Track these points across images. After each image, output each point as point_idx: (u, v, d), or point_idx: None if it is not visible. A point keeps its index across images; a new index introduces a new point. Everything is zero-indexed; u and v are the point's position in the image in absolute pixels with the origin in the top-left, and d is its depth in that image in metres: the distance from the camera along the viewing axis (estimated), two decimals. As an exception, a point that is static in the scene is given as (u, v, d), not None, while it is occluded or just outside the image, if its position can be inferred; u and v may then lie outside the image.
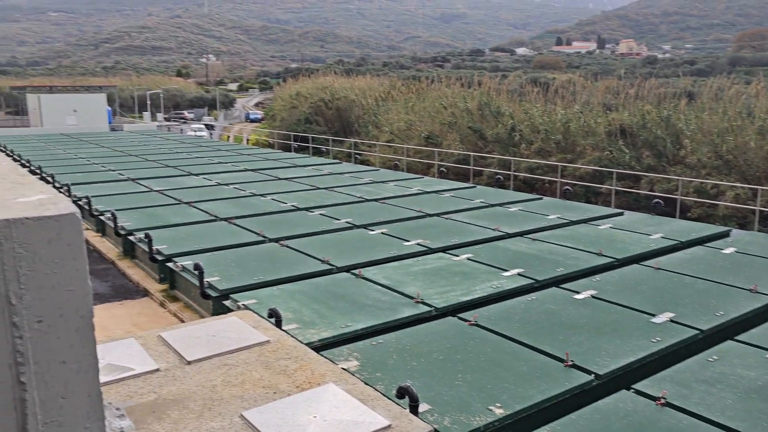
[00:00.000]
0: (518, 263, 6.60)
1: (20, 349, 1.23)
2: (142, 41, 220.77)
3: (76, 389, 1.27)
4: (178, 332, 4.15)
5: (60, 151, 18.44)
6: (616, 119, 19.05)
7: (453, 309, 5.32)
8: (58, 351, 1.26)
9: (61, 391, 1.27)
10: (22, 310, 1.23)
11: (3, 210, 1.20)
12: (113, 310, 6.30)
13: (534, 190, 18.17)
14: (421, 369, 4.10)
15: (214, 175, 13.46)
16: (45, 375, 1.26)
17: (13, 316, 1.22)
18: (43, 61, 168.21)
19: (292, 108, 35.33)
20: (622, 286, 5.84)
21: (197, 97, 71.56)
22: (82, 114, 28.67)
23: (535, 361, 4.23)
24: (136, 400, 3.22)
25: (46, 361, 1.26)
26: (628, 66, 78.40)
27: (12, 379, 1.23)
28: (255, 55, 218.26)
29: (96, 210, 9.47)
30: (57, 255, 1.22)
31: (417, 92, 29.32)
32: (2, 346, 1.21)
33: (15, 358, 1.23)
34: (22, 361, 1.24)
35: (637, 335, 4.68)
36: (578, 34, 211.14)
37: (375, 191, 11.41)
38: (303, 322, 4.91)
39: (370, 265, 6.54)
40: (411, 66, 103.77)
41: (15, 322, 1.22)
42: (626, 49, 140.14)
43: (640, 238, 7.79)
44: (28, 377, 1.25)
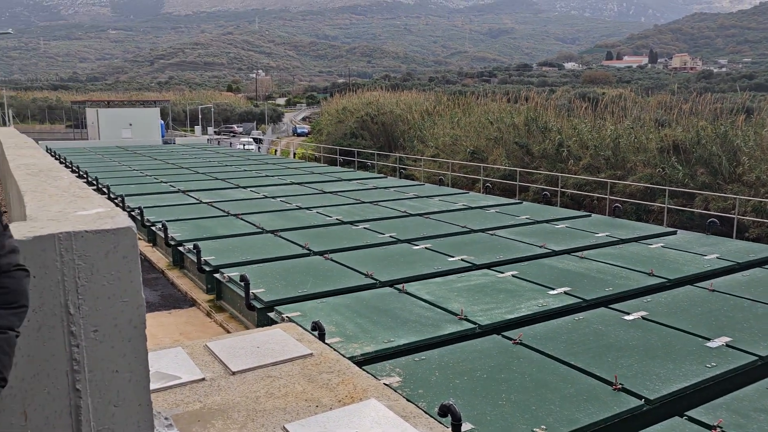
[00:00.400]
0: (565, 281, 6.46)
1: (77, 357, 1.27)
2: (195, 57, 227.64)
3: (128, 398, 1.31)
4: (223, 342, 4.22)
5: (115, 163, 19.11)
6: (669, 135, 18.54)
7: (497, 327, 5.24)
8: (112, 360, 1.30)
9: (114, 399, 1.31)
10: (80, 320, 1.27)
11: (64, 223, 1.25)
12: (162, 318, 6.45)
13: (582, 206, 17.82)
14: (464, 387, 4.05)
15: (261, 187, 13.70)
16: (99, 383, 1.30)
17: (71, 325, 1.27)
18: (102, 76, 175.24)
19: (339, 122, 35.73)
20: (674, 308, 5.65)
21: (246, 111, 73.22)
22: (136, 127, 29.70)
23: (582, 384, 4.13)
24: (182, 408, 3.28)
25: (100, 370, 1.30)
26: (682, 81, 76.43)
27: (68, 386, 1.27)
28: (303, 70, 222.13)
29: (148, 221, 9.75)
30: (113, 267, 1.27)
31: (463, 107, 29.25)
32: (60, 354, 1.26)
33: (72, 366, 1.27)
34: (78, 369, 1.28)
35: (690, 359, 4.51)
36: (629, 48, 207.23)
37: (419, 206, 11.40)
38: (346, 335, 4.92)
39: (414, 280, 6.52)
40: (457, 81, 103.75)
41: (72, 330, 1.27)
42: (680, 63, 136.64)
43: (694, 259, 7.53)
44: (83, 385, 1.29)
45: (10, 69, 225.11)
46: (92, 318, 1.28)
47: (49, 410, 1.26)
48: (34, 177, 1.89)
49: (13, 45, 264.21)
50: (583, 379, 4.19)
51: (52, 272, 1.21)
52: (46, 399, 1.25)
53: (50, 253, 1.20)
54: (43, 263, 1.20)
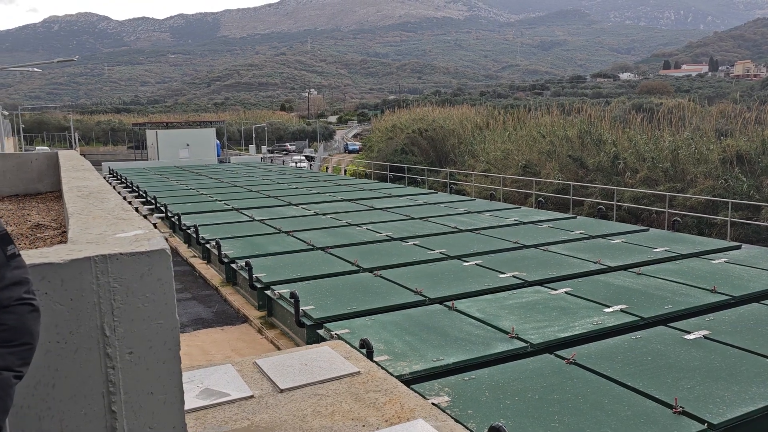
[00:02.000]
0: (621, 299, 6.25)
1: (112, 379, 1.29)
2: (250, 78, 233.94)
3: (163, 420, 1.31)
4: (272, 360, 4.25)
5: (173, 183, 19.74)
6: (731, 145, 17.83)
7: (550, 345, 5.10)
8: (147, 382, 1.31)
9: (149, 421, 1.32)
10: (115, 342, 1.29)
11: (102, 245, 1.28)
12: (215, 335, 6.56)
13: (639, 221, 17.28)
14: (514, 408, 3.94)
15: (312, 204, 13.86)
16: (134, 405, 1.31)
17: (107, 347, 1.29)
18: (161, 99, 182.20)
19: (389, 139, 35.96)
20: (739, 327, 5.37)
21: (299, 129, 74.57)
22: (193, 147, 30.65)
23: (640, 406, 3.95)
24: (231, 426, 3.31)
25: (136, 392, 1.31)
26: (745, 89, 73.50)
27: (104, 408, 1.29)
28: (354, 88, 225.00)
29: (203, 238, 9.99)
30: (148, 289, 1.28)
31: (515, 121, 28.96)
32: (96, 376, 1.28)
33: (108, 388, 1.29)
34: (114, 390, 1.30)
35: (757, 382, 4.26)
36: (688, 56, 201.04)
37: (470, 221, 11.28)
38: (394, 353, 4.88)
39: (464, 297, 6.43)
40: (508, 95, 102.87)
41: (108, 353, 1.29)
42: (742, 70, 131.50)
43: (761, 274, 7.16)
44: (118, 406, 1.30)
45: (77, 94, 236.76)
46: (127, 340, 1.30)
47: (86, 431, 1.28)
48: (82, 199, 1.95)
49: (80, 71, 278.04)
50: (640, 402, 4.01)
51: (89, 294, 1.23)
52: (83, 420, 1.27)
53: (87, 276, 1.22)
54: (80, 286, 1.22)
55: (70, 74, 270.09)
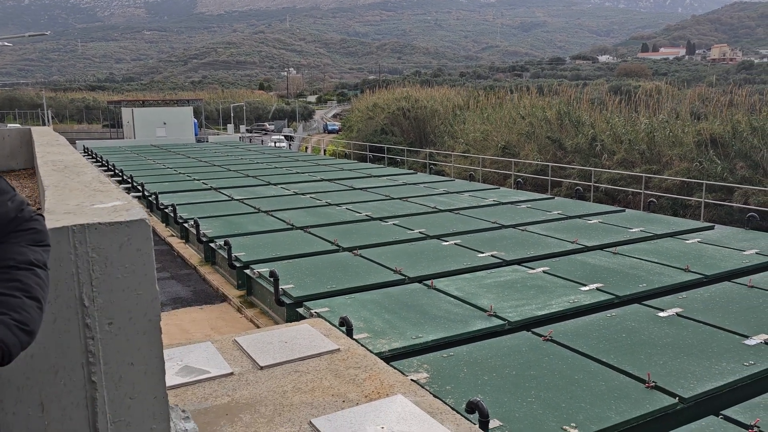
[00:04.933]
0: (597, 277, 6.35)
1: (92, 350, 1.28)
2: (228, 56, 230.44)
3: (144, 390, 1.31)
4: (252, 337, 4.25)
5: (150, 162, 19.47)
6: (706, 129, 18.08)
7: (527, 323, 5.17)
8: (127, 352, 1.31)
9: (129, 391, 1.32)
10: (95, 312, 1.28)
11: (79, 215, 1.26)
12: (194, 314, 6.54)
13: (616, 202, 17.50)
14: (492, 384, 4.00)
15: (291, 184, 13.79)
16: (114, 375, 1.31)
17: (86, 317, 1.28)
18: (137, 76, 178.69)
19: (369, 119, 35.77)
20: (710, 305, 5.50)
21: (278, 109, 73.82)
22: (170, 126, 30.20)
23: (614, 381, 4.04)
24: (211, 402, 3.31)
25: (116, 362, 1.31)
26: (721, 72, 74.39)
27: (84, 378, 1.28)
28: (334, 67, 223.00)
29: (180, 218, 9.90)
30: (127, 259, 1.27)
31: (494, 102, 28.99)
32: (76, 346, 1.27)
33: (87, 358, 1.28)
34: (94, 361, 1.29)
35: (727, 357, 4.38)
36: (666, 39, 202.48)
37: (449, 202, 11.33)
38: (374, 331, 4.91)
39: (443, 276, 6.48)
40: (488, 76, 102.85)
41: (87, 323, 1.28)
42: (719, 54, 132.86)
43: (732, 254, 7.32)
44: (98, 377, 1.30)
45: (50, 70, 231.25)
46: (107, 310, 1.29)
47: (66, 402, 1.27)
48: (58, 173, 1.92)
49: (52, 47, 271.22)
50: (614, 377, 4.10)
51: (67, 264, 1.22)
52: (63, 390, 1.27)
53: (64, 246, 1.21)
54: (58, 255, 1.21)
55: (42, 50, 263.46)
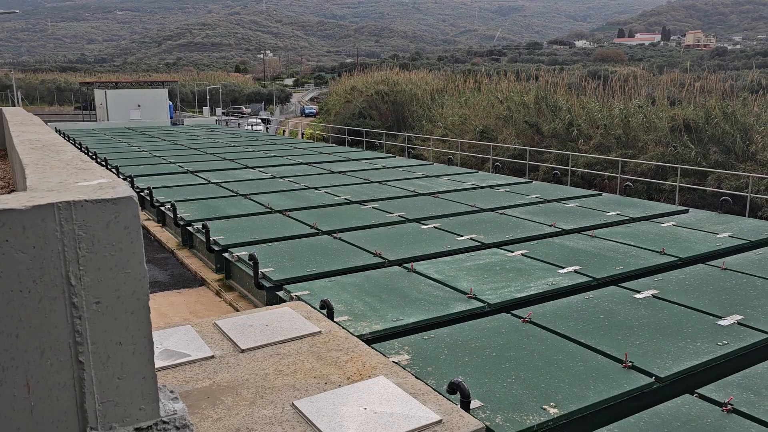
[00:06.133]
0: (575, 260, 6.43)
1: (79, 329, 1.26)
2: (203, 38, 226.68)
3: (132, 370, 1.29)
4: (232, 321, 4.22)
5: (124, 144, 19.15)
6: (680, 114, 18.33)
7: (507, 305, 5.22)
8: (115, 332, 1.29)
9: (118, 371, 1.30)
10: (81, 291, 1.26)
11: (64, 193, 1.23)
12: (171, 298, 6.47)
13: (592, 186, 17.70)
14: (473, 365, 4.04)
15: (269, 168, 13.68)
16: (102, 355, 1.29)
17: (72, 296, 1.25)
18: (109, 58, 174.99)
19: (347, 102, 35.57)
20: (685, 286, 5.61)
21: (254, 92, 73.02)
22: (145, 108, 29.69)
23: (592, 361, 4.11)
24: (192, 385, 3.29)
25: (103, 342, 1.29)
26: (695, 58, 75.33)
27: (71, 358, 1.26)
28: (311, 50, 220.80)
29: (157, 201, 9.77)
30: (115, 238, 1.24)
31: (473, 86, 29.01)
32: (62, 326, 1.24)
33: (74, 338, 1.26)
34: (81, 341, 1.26)
35: (701, 337, 4.48)
36: (642, 25, 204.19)
37: (428, 185, 11.35)
38: (354, 314, 4.92)
39: (423, 259, 6.50)
40: (466, 60, 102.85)
41: (74, 302, 1.25)
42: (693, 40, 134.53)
43: (706, 237, 7.46)
44: (86, 357, 1.27)
45: (19, 51, 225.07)
46: (94, 290, 1.27)
47: (53, 382, 1.25)
48: (37, 151, 1.87)
49: (21, 27, 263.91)
50: (592, 357, 4.17)
51: (52, 243, 1.19)
52: (49, 370, 1.24)
53: (50, 223, 1.17)
54: (43, 233, 1.18)
55: (10, 30, 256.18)
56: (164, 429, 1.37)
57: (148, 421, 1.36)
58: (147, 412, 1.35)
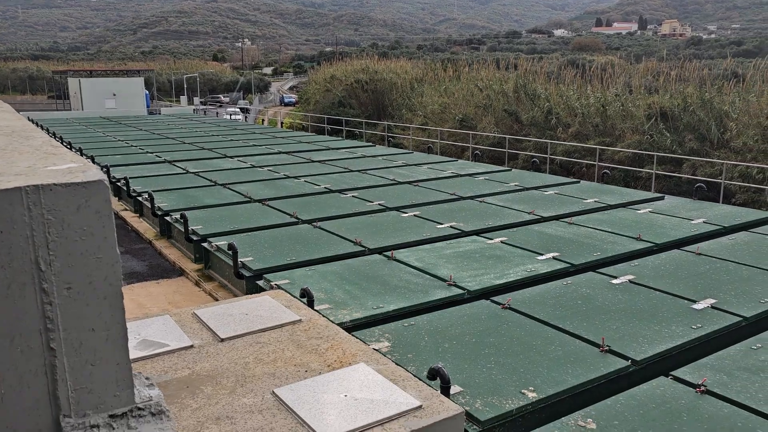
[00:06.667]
0: (554, 247, 6.49)
1: (50, 316, 1.24)
2: (179, 26, 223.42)
3: (105, 357, 1.27)
4: (212, 310, 4.19)
5: (99, 134, 18.84)
6: (656, 102, 18.52)
7: (486, 292, 5.26)
8: (87, 318, 1.26)
9: (91, 358, 1.28)
10: (52, 277, 1.23)
11: (32, 177, 1.20)
12: (150, 288, 6.41)
13: (571, 173, 17.86)
14: (453, 351, 4.07)
15: (248, 157, 13.57)
16: (74, 342, 1.26)
17: (42, 282, 1.22)
18: (83, 46, 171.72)
19: (326, 91, 35.36)
20: (661, 272, 5.69)
21: (233, 81, 72.27)
22: (120, 97, 29.23)
23: (570, 346, 4.16)
24: (171, 375, 3.27)
25: (75, 329, 1.26)
26: (671, 47, 76.14)
27: (42, 345, 1.24)
28: (289, 39, 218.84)
29: (134, 191, 9.64)
30: (85, 222, 1.22)
31: (453, 74, 29.00)
32: (33, 312, 1.22)
33: (45, 325, 1.24)
34: (52, 327, 1.24)
35: (676, 321, 4.55)
36: (619, 14, 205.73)
37: (408, 174, 11.35)
38: (335, 302, 4.92)
39: (403, 247, 6.51)
40: (446, 49, 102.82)
41: (44, 288, 1.23)
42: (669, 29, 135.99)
43: (681, 223, 7.58)
44: (57, 343, 1.25)
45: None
46: (65, 275, 1.24)
47: (24, 369, 1.23)
48: (5, 137, 1.83)
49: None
50: (571, 342, 4.22)
51: (21, 227, 1.16)
52: (20, 358, 1.22)
53: (18, 207, 1.15)
54: (11, 218, 1.15)
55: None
56: (139, 415, 1.35)
57: (122, 408, 1.34)
58: (121, 398, 1.33)
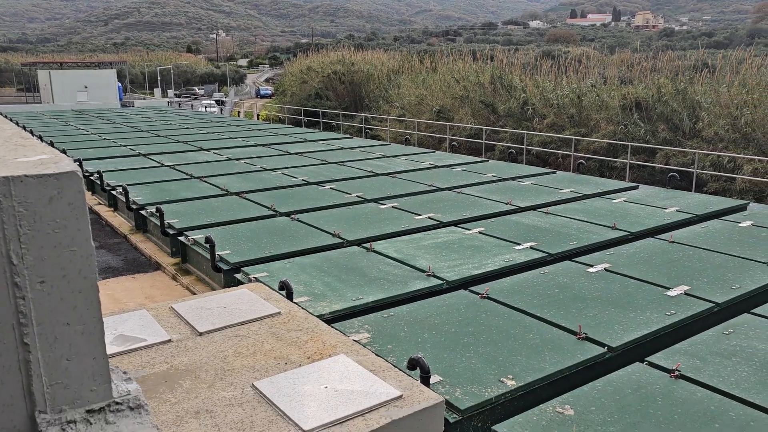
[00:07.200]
0: (531, 237, 6.54)
1: (23, 310, 1.21)
2: (152, 17, 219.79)
3: (81, 351, 1.25)
4: (189, 304, 4.15)
5: (71, 127, 18.49)
6: (630, 93, 18.74)
7: (465, 282, 5.29)
8: (62, 312, 1.24)
9: (66, 353, 1.25)
10: (24, 270, 1.20)
11: (2, 168, 1.17)
12: (126, 283, 6.33)
13: (547, 164, 18.01)
14: (432, 341, 4.09)
15: (224, 150, 13.44)
16: (49, 337, 1.24)
17: (14, 276, 1.20)
18: (53, 37, 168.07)
19: (303, 83, 35.12)
20: (636, 260, 5.78)
21: (207, 73, 71.38)
22: (92, 90, 28.69)
23: (548, 334, 4.21)
24: (149, 370, 3.24)
25: (50, 323, 1.24)
26: (644, 39, 77.05)
27: (16, 340, 1.21)
28: (265, 30, 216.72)
29: (108, 185, 9.49)
30: (58, 214, 1.19)
31: (430, 66, 29.00)
32: (5, 307, 1.19)
33: (18, 319, 1.21)
34: (25, 322, 1.22)
35: (651, 308, 4.63)
36: (593, 6, 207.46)
37: (386, 166, 11.35)
38: (314, 294, 4.91)
39: (381, 239, 6.52)
40: (422, 40, 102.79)
41: (17, 282, 1.20)
42: (642, 21, 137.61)
43: (655, 212, 7.70)
44: (31, 338, 1.23)
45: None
46: (38, 269, 1.21)
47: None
48: (-27, 129, 1.78)
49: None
50: (548, 330, 4.27)
51: (-9, 220, 1.13)
52: (-7, 354, 1.19)
53: (-13, 200, 1.12)
54: (-20, 211, 1.12)
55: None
56: (117, 410, 1.34)
57: (100, 403, 1.32)
58: (99, 393, 1.31)
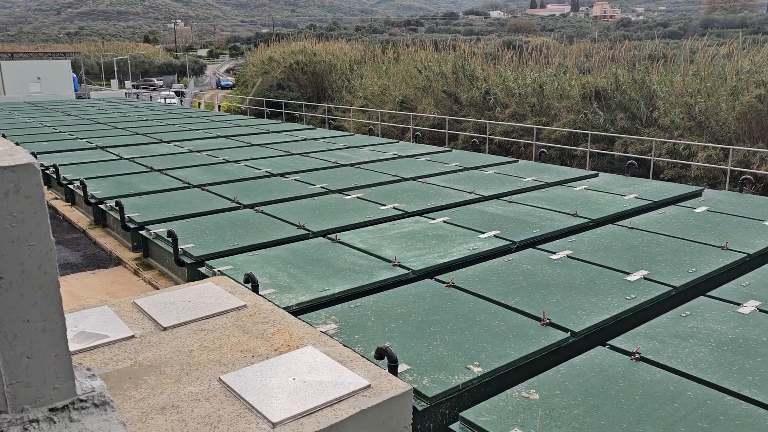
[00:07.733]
0: (494, 225, 6.62)
1: (-20, 307, 1.17)
2: (107, 6, 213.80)
3: (43, 349, 1.22)
4: (153, 299, 4.08)
5: (24, 120, 17.90)
6: (590, 82, 19.07)
7: (430, 271, 5.33)
8: (21, 309, 1.20)
9: (27, 350, 1.22)
10: (-20, 267, 1.16)
11: (-45, 162, 1.12)
12: (86, 279, 6.18)
13: (509, 153, 18.22)
14: (399, 330, 4.11)
15: (185, 142, 13.20)
16: (8, 334, 1.20)
17: (-30, 272, 1.16)
18: (2, 26, 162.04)
19: (265, 74, 34.67)
20: (597, 246, 5.91)
21: (166, 63, 69.85)
22: (46, 81, 27.79)
23: (513, 321, 4.27)
24: (112, 366, 3.17)
25: (9, 320, 1.20)
26: (602, 29, 78.38)
27: (-27, 339, 1.17)
28: (224, 20, 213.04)
29: (64, 179, 9.24)
30: (16, 208, 1.15)
31: (392, 56, 28.96)
32: (-39, 305, 1.15)
33: (-25, 317, 1.17)
34: (-17, 320, 1.18)
35: (612, 293, 4.75)
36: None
37: (350, 156, 11.32)
38: (280, 286, 4.88)
39: (347, 230, 6.51)
40: (384, 30, 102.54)
41: (-27, 278, 1.16)
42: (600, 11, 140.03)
43: (615, 199, 7.87)
44: (-10, 337, 1.19)
45: None
46: (-5, 264, 1.18)
47: (-46, 365, 1.16)
48: None
49: None
50: (513, 317, 4.34)
51: (-56, 215, 1.09)
52: (-51, 354, 1.15)
53: (-61, 194, 1.07)
54: (-66, 206, 1.08)
55: None
56: (82, 407, 1.31)
57: (63, 401, 1.29)
58: (62, 391, 1.28)
